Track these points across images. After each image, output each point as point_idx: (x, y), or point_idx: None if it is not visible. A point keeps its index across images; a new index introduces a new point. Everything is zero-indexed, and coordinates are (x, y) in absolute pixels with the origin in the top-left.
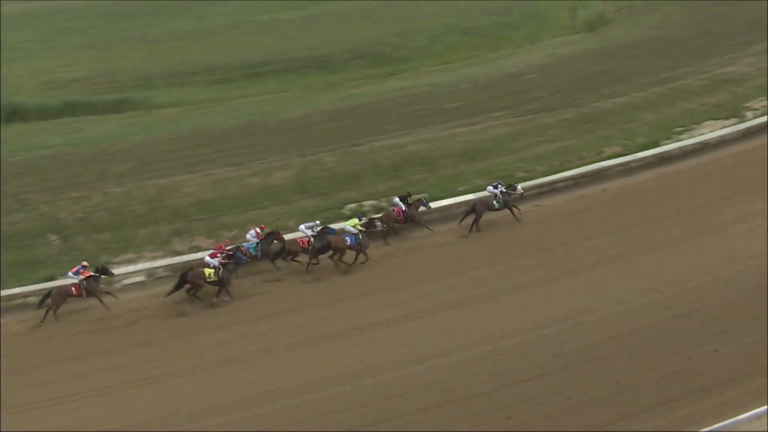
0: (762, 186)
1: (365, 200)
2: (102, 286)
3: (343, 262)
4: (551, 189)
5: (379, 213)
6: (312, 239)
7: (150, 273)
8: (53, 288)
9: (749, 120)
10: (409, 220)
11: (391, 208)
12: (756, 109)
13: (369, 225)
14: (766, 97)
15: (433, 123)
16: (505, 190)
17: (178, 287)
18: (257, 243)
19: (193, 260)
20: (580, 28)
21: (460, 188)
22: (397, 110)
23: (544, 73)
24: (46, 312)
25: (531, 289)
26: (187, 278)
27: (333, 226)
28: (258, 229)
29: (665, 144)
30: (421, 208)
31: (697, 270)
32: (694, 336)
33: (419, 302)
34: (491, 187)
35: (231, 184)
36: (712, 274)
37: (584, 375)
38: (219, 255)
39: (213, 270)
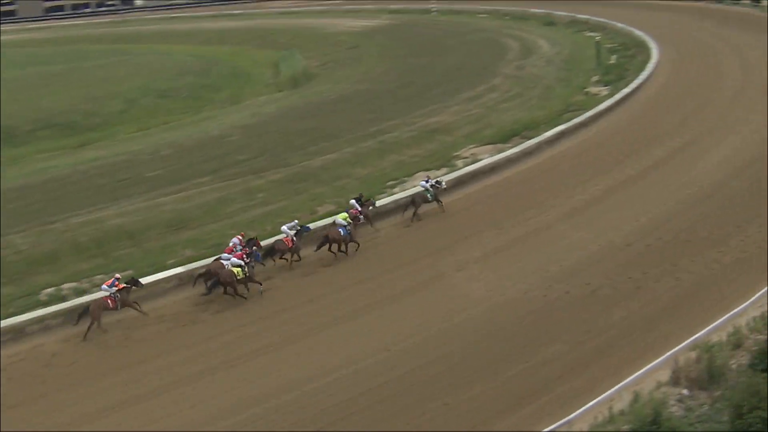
0: (476, 232)
1: (66, 283)
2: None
3: (341, 251)
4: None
5: (81, 296)
6: (294, 238)
7: None
8: (89, 303)
9: (460, 169)
10: (364, 219)
11: (350, 210)
12: (466, 157)
13: (354, 219)
14: (474, 145)
15: (134, 194)
16: (434, 184)
17: (211, 289)
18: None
19: None
20: (283, 86)
21: (170, 261)
22: (93, 182)
23: (249, 133)
24: (89, 327)
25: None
26: (220, 279)
27: (287, 227)
28: (240, 237)
29: (380, 198)
30: (371, 208)
31: (420, 324)
32: (424, 392)
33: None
34: (423, 182)
35: None
36: (436, 327)
37: None
38: (238, 253)
39: (240, 268)
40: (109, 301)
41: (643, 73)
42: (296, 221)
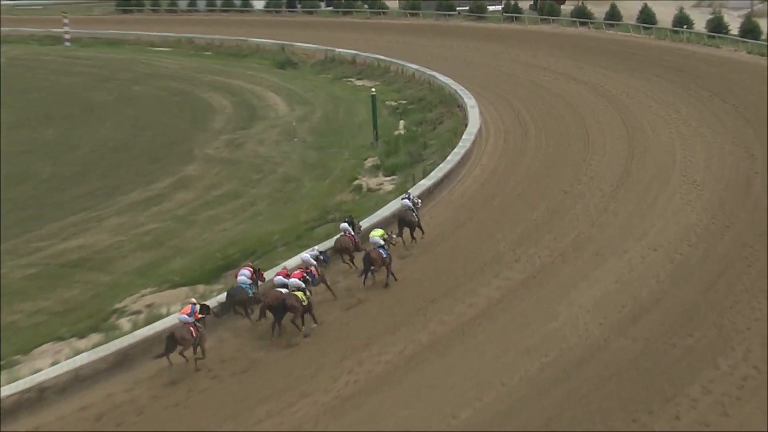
0: None
1: None
2: None
3: (367, 273)
4: None
5: None
6: (316, 268)
7: None
8: (173, 331)
9: (124, 335)
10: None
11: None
12: (137, 312)
13: (388, 239)
14: (150, 290)
15: None
16: (415, 201)
17: (279, 318)
18: (252, 283)
19: None
20: None
21: None
22: None
23: None
24: (196, 358)
25: None
26: (286, 305)
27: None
28: (250, 269)
29: None
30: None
31: None
32: None
33: None
34: (406, 201)
35: None
36: None
37: None
38: (298, 273)
39: (302, 292)
40: (192, 329)
41: (455, 152)
42: (316, 248)
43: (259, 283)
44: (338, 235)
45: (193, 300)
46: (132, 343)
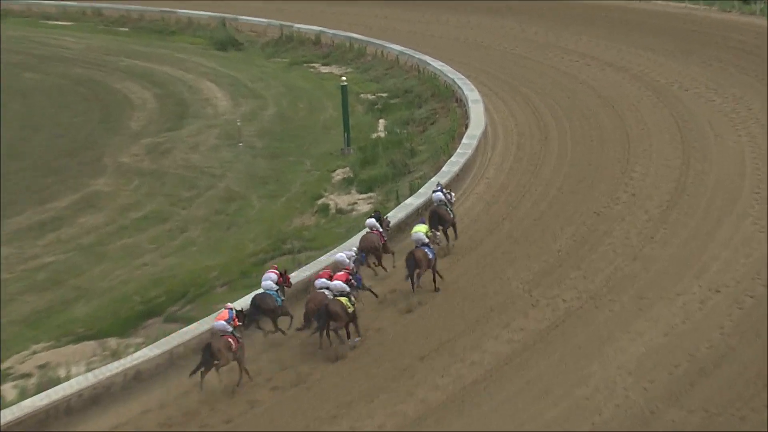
0: None
1: None
2: None
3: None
4: None
5: None
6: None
7: None
8: (210, 342)
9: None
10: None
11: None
12: (26, 375)
13: (432, 237)
14: (44, 345)
15: None
16: (448, 195)
17: (323, 325)
18: (279, 289)
19: None
20: None
21: None
22: None
23: None
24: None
25: None
26: (330, 312)
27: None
28: (276, 271)
29: None
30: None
31: None
32: None
33: None
34: (439, 194)
35: None
36: None
37: None
38: (341, 274)
39: (347, 298)
40: (231, 341)
41: (452, 162)
42: (354, 249)
43: (285, 289)
44: (364, 232)
45: (230, 304)
46: (18, 417)
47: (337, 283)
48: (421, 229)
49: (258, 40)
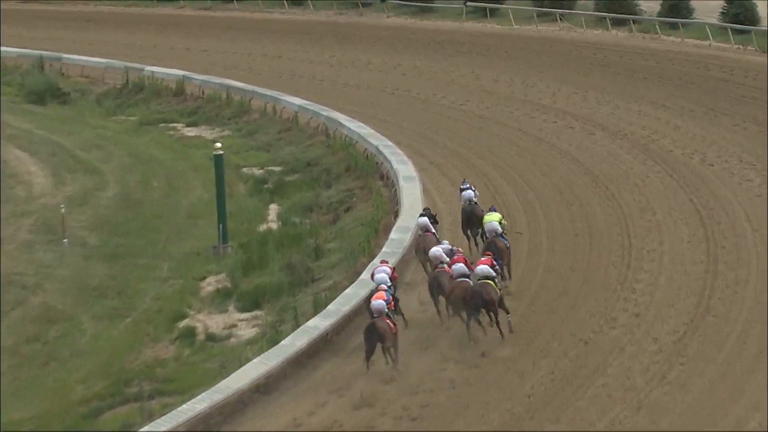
0: None
1: None
2: None
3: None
4: None
5: None
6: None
7: None
8: (374, 322)
9: None
10: None
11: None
12: None
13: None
14: None
15: None
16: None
17: (476, 315)
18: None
19: None
20: None
21: None
22: None
23: None
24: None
25: None
26: (485, 299)
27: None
28: (389, 265)
29: None
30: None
31: None
32: None
33: None
34: (470, 192)
35: None
36: None
37: None
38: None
39: (493, 281)
40: (390, 323)
41: (375, 267)
42: (446, 241)
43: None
44: (418, 233)
45: (384, 286)
46: None
47: (484, 267)
48: (494, 218)
49: (92, 89)
